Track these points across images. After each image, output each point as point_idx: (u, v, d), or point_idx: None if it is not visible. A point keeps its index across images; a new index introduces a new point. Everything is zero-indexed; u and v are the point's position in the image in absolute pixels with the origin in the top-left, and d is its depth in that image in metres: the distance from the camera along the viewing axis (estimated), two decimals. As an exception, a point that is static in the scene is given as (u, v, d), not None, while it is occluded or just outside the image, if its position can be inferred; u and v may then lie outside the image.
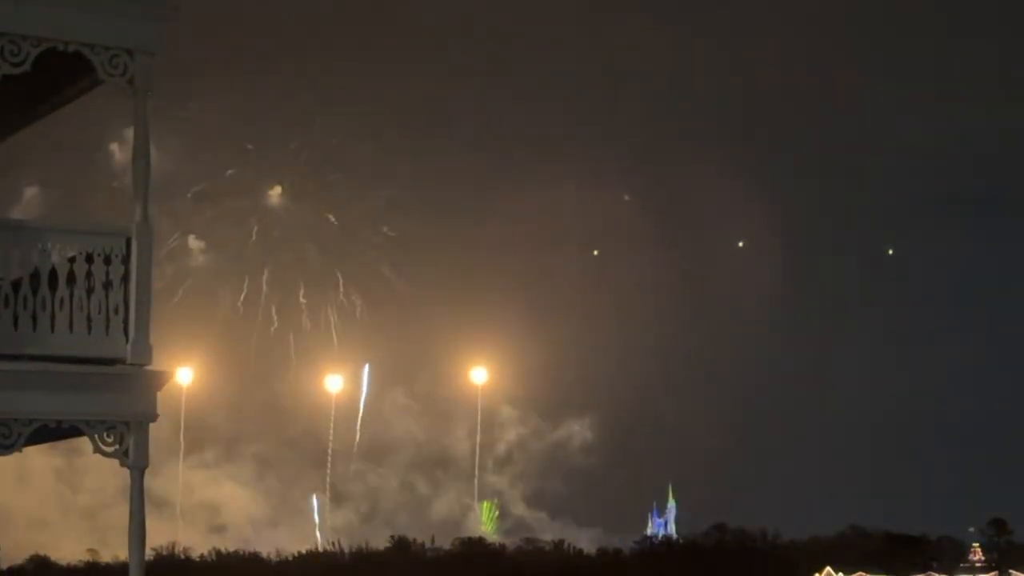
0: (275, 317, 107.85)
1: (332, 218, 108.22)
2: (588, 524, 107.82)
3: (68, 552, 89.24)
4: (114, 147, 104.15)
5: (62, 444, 19.78)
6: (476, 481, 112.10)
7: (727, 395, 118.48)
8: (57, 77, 19.91)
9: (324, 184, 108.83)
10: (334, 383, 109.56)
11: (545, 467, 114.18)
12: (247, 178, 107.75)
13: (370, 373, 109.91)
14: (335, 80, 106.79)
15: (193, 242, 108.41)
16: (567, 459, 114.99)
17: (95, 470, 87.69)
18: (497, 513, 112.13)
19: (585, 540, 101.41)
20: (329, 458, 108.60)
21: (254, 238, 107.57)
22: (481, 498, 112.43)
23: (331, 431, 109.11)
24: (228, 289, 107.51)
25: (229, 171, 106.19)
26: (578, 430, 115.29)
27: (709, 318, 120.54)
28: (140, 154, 19.53)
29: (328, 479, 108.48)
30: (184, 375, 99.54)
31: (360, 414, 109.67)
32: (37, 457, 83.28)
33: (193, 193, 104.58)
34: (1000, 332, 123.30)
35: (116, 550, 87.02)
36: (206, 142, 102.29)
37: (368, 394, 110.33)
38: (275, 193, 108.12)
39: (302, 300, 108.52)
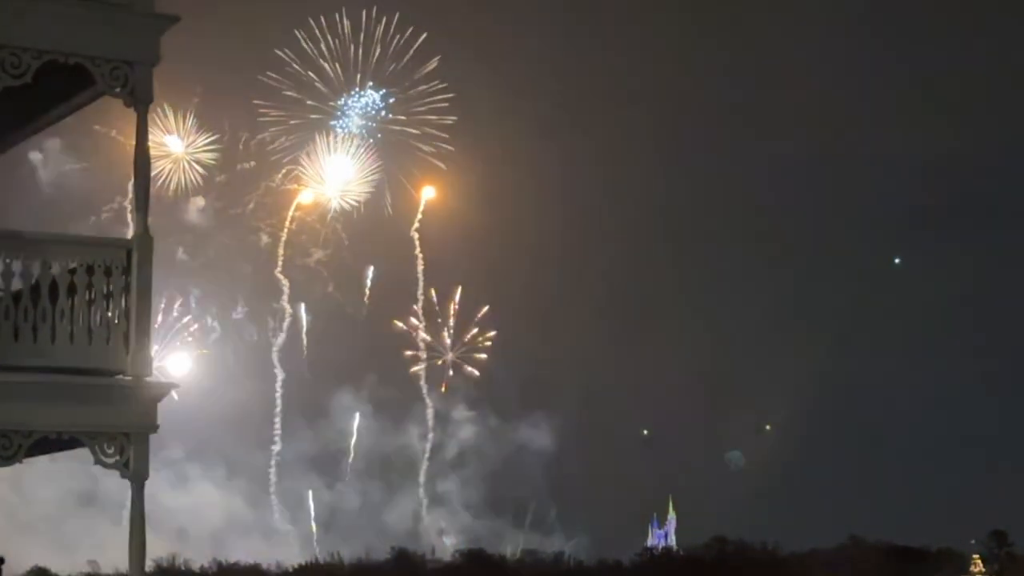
0: (217, 326, 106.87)
1: (264, 236, 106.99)
2: (552, 533, 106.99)
3: (36, 561, 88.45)
4: (35, 157, 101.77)
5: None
6: (422, 490, 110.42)
7: (725, 401, 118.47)
8: (58, 89, 19.95)
9: (247, 206, 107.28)
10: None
11: (507, 471, 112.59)
12: (165, 194, 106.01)
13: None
14: (258, 94, 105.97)
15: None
16: (532, 462, 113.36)
17: (55, 477, 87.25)
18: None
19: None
20: (273, 467, 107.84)
21: (181, 254, 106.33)
22: (432, 505, 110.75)
23: (278, 441, 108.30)
24: (162, 301, 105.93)
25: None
26: (540, 432, 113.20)
27: (709, 329, 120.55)
28: (140, 165, 19.55)
29: (272, 488, 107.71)
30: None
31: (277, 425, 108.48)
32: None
33: (113, 210, 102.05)
34: (999, 345, 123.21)
35: (84, 558, 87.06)
36: (126, 157, 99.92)
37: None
38: (195, 207, 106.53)
39: (241, 310, 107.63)
